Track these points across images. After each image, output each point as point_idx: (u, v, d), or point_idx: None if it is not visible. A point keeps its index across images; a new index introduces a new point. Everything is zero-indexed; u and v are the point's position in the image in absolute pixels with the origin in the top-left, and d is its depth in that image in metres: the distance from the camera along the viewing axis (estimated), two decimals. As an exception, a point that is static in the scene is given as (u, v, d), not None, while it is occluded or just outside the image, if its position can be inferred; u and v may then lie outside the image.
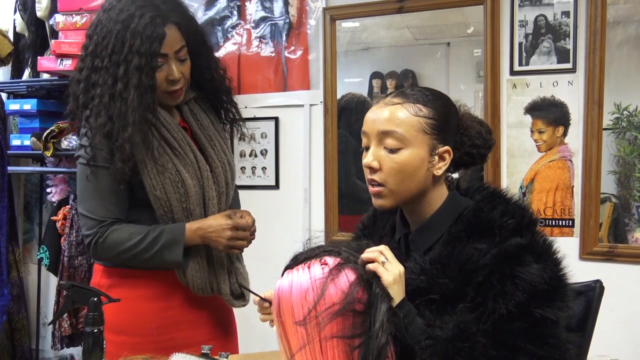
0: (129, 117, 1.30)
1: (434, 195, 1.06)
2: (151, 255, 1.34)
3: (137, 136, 1.31)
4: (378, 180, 1.03)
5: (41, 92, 2.60)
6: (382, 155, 1.02)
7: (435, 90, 1.08)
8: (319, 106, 2.43)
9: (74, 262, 2.45)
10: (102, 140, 1.33)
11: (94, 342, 0.89)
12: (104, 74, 1.33)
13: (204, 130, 1.48)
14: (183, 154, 1.40)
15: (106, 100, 1.32)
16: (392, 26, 2.41)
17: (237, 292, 1.49)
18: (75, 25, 2.36)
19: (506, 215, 0.99)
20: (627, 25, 2.05)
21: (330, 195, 2.41)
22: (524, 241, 0.96)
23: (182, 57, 1.39)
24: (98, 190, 1.36)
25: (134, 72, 1.30)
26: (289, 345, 0.95)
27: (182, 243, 1.34)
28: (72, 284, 0.98)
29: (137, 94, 1.31)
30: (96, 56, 1.35)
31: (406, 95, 1.04)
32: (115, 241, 1.34)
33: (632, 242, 2.04)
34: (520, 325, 0.91)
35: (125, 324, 1.39)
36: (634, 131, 2.03)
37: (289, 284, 0.96)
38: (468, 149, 1.07)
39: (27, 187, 2.95)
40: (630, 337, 1.97)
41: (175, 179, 1.37)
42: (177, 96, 1.42)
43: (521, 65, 2.14)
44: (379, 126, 1.02)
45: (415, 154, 1.01)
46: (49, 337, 2.62)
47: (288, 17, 2.48)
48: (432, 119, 1.02)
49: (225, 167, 1.48)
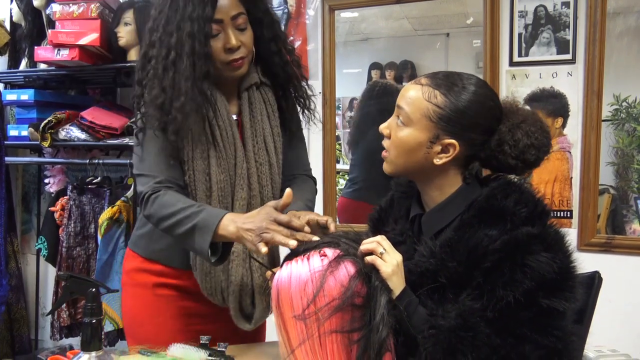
0: (182, 86, 1.23)
1: (442, 181, 1.06)
2: (183, 232, 1.20)
3: (190, 106, 1.23)
4: (385, 146, 1.09)
5: (38, 82, 2.59)
6: (393, 126, 1.07)
7: (476, 87, 1.03)
8: (318, 97, 2.41)
9: (72, 253, 2.45)
10: (154, 113, 1.26)
11: (92, 332, 0.88)
12: (159, 45, 1.27)
13: (254, 123, 1.37)
14: (222, 145, 1.31)
15: (160, 71, 1.26)
16: (391, 16, 2.39)
17: (247, 311, 1.36)
18: (72, 14, 2.34)
19: (519, 204, 0.98)
20: (627, 16, 2.04)
21: (329, 186, 2.41)
22: (535, 231, 0.95)
23: (240, 26, 1.29)
24: (151, 153, 1.29)
25: (187, 39, 1.23)
26: (288, 336, 0.95)
27: (212, 229, 1.16)
28: (70, 274, 0.98)
29: (190, 62, 1.23)
30: (153, 30, 1.29)
31: (435, 80, 1.04)
32: (165, 203, 1.24)
33: (629, 233, 2.05)
34: (526, 314, 0.91)
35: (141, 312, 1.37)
36: (633, 123, 2.02)
37: (287, 275, 0.96)
38: (492, 151, 1.04)
39: (25, 177, 2.94)
40: (628, 328, 1.98)
41: (204, 170, 1.30)
42: (238, 66, 1.30)
43: (520, 56, 2.13)
44: (398, 100, 1.07)
45: (413, 135, 1.03)
46: (48, 328, 2.62)
47: (287, 7, 2.47)
48: (442, 109, 1.01)
49: (262, 167, 1.36)
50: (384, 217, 1.19)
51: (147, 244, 1.40)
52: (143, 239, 1.41)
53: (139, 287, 1.40)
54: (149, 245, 1.40)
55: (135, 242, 1.44)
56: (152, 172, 1.28)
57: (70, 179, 2.66)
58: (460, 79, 1.04)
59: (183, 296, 1.37)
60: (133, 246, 1.45)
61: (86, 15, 2.32)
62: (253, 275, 1.34)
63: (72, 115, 2.42)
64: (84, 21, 2.32)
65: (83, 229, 2.47)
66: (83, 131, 2.37)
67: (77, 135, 2.37)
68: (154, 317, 1.36)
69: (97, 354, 0.89)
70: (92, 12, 2.31)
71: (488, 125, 1.04)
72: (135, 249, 1.43)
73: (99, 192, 2.46)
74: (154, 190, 1.25)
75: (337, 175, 2.45)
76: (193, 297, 1.36)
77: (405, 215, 1.14)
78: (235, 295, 1.32)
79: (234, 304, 1.32)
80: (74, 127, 2.38)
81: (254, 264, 1.34)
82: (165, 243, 1.36)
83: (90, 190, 2.47)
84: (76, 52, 2.31)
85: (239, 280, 1.32)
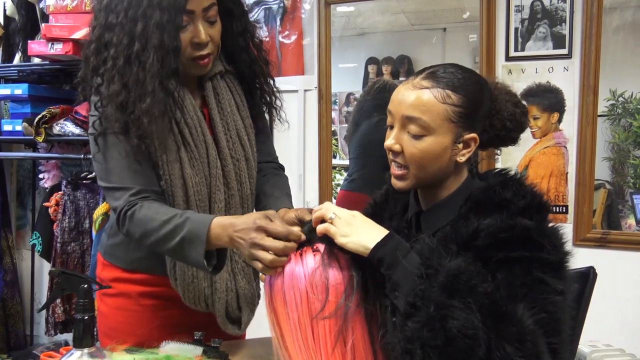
0: (147, 84, 1.10)
1: (452, 179, 1.03)
2: (172, 247, 1.10)
3: (157, 108, 1.11)
4: (401, 162, 1.01)
5: (32, 77, 2.57)
6: (404, 140, 0.99)
7: (469, 72, 1.02)
8: (314, 92, 2.41)
9: (67, 248, 2.44)
10: (114, 112, 1.13)
11: (84, 329, 0.88)
12: (119, 31, 1.12)
13: (223, 116, 1.26)
14: (192, 145, 1.20)
15: (121, 63, 1.12)
16: (388, 11, 2.38)
17: (234, 315, 1.28)
18: (66, 8, 2.32)
19: (517, 196, 0.96)
20: (624, 11, 2.04)
21: (325, 181, 2.40)
22: (532, 224, 0.92)
23: (211, 18, 1.18)
24: (116, 160, 1.15)
25: (154, 30, 1.10)
26: (281, 332, 0.95)
27: (203, 239, 1.07)
28: (62, 270, 0.97)
29: (158, 57, 1.10)
30: (110, 11, 1.14)
31: (437, 78, 0.98)
32: (143, 218, 1.12)
33: (625, 228, 2.05)
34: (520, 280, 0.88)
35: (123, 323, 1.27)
36: (629, 118, 2.02)
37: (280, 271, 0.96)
38: (499, 131, 1.03)
39: (20, 172, 2.93)
40: (623, 323, 1.99)
41: (179, 174, 1.18)
42: (203, 64, 1.20)
43: (517, 51, 2.12)
44: (404, 110, 0.98)
45: (438, 142, 0.97)
46: (43, 323, 2.62)
47: (282, 2, 2.46)
48: (460, 106, 0.97)
49: (239, 164, 1.26)
50: (378, 213, 1.15)
51: (124, 254, 1.30)
52: (119, 249, 1.30)
53: (122, 296, 1.29)
54: (127, 255, 1.29)
55: (110, 253, 1.32)
56: (123, 184, 1.15)
57: (65, 174, 2.65)
58: (453, 72, 1.01)
59: (169, 304, 1.28)
60: (108, 257, 1.33)
61: (80, 9, 2.30)
62: (236, 277, 1.28)
63: (66, 109, 2.40)
64: (77, 15, 2.30)
65: (77, 224, 2.46)
66: (77, 126, 2.36)
67: (71, 130, 2.36)
68: (138, 327, 1.26)
69: (89, 350, 0.89)
70: (85, 5, 2.29)
71: (489, 107, 1.03)
72: (111, 259, 1.32)
73: (93, 187, 2.46)
74: (130, 205, 1.14)
75: (334, 171, 2.44)
76: (179, 304, 1.26)
77: (400, 212, 1.12)
78: (222, 302, 1.25)
79: (221, 311, 1.25)
80: (68, 122, 2.37)
81: (236, 266, 1.27)
82: (145, 251, 1.25)
83: (85, 186, 2.46)
84: (70, 46, 2.30)
85: (224, 286, 1.25)
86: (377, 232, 0.93)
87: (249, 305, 1.30)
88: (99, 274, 1.35)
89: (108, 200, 1.20)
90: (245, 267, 1.29)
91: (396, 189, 1.04)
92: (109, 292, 1.30)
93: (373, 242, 0.91)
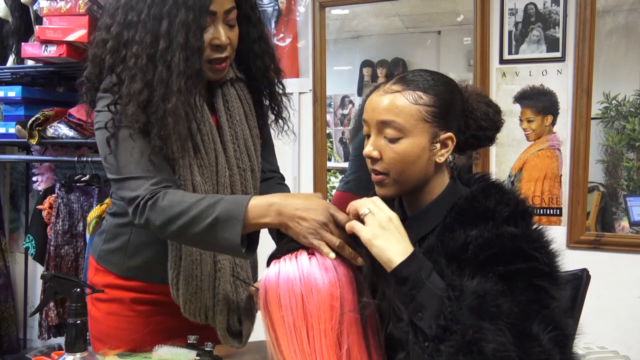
0: (173, 83, 1.08)
1: (435, 183, 1.03)
2: (203, 228, 1.03)
3: (184, 108, 1.09)
4: (380, 169, 1.01)
5: (26, 79, 2.55)
6: (382, 145, 1.00)
7: (438, 74, 1.04)
8: (308, 94, 2.41)
9: (60, 252, 2.43)
10: (135, 111, 1.09)
11: (76, 333, 0.87)
12: (141, 29, 1.10)
13: (232, 124, 1.24)
14: (203, 152, 1.18)
15: (143, 61, 1.09)
16: (382, 14, 2.39)
17: (235, 329, 1.25)
18: (60, 10, 2.31)
19: (500, 204, 0.96)
20: (617, 14, 2.05)
21: (320, 183, 2.40)
22: (518, 231, 0.93)
23: (231, 22, 1.17)
24: (133, 155, 1.11)
25: (180, 29, 1.08)
26: (276, 336, 0.95)
27: (241, 218, 1.01)
28: (54, 274, 0.96)
29: (183, 57, 1.08)
30: (130, 8, 1.12)
31: (407, 82, 1.00)
32: (169, 203, 1.05)
33: (619, 230, 2.06)
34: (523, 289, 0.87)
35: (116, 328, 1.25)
36: (622, 120, 2.03)
37: (275, 274, 0.96)
38: (474, 131, 1.04)
39: (13, 175, 2.91)
40: (617, 325, 1.99)
41: (188, 179, 1.16)
42: (221, 68, 1.19)
43: (511, 54, 2.13)
44: (377, 115, 0.99)
45: (415, 143, 0.98)
46: (36, 327, 2.60)
47: (277, 4, 2.46)
48: (432, 106, 0.99)
49: (244, 174, 1.25)
50: None
51: (120, 260, 1.27)
52: (115, 255, 1.28)
53: (115, 302, 1.27)
54: (124, 262, 1.26)
55: (104, 258, 1.29)
56: (144, 173, 1.10)
57: (59, 177, 2.64)
58: (422, 75, 1.02)
59: (162, 310, 1.26)
60: (103, 262, 1.30)
61: (74, 11, 2.29)
62: (238, 289, 1.25)
63: (60, 112, 2.39)
64: (72, 17, 2.29)
65: (71, 227, 2.45)
66: (71, 128, 2.34)
67: (65, 133, 2.35)
68: (131, 332, 1.25)
69: (81, 355, 0.88)
70: (80, 8, 2.28)
71: (462, 107, 1.04)
72: (106, 265, 1.29)
73: (87, 190, 2.45)
74: (152, 194, 1.08)
75: (329, 173, 2.44)
76: (173, 309, 1.22)
77: None
78: (224, 314, 1.22)
79: (222, 323, 1.21)
80: (62, 125, 2.36)
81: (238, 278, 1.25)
82: (142, 259, 1.24)
83: (79, 188, 2.45)
84: (64, 49, 2.29)
85: (226, 299, 1.22)
86: (405, 247, 0.90)
87: (250, 318, 1.27)
88: (91, 278, 1.32)
89: (122, 193, 1.12)
90: (247, 279, 1.27)
91: (380, 197, 1.02)
92: (102, 297, 1.28)
93: (398, 258, 0.89)
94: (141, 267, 1.26)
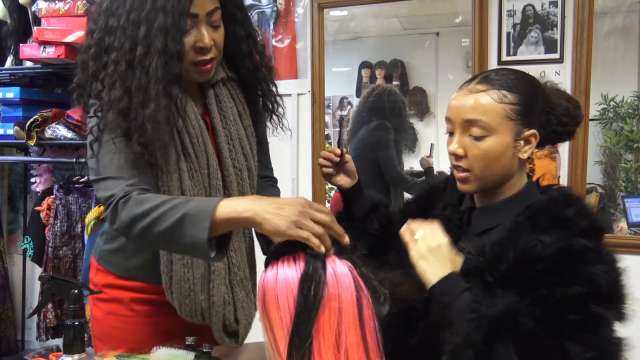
0: (151, 90, 1.07)
1: (514, 181, 1.06)
2: (167, 227, 0.98)
3: (162, 114, 1.08)
4: (464, 166, 1.04)
5: (24, 80, 2.56)
6: (467, 143, 1.03)
7: (520, 72, 1.07)
8: (307, 95, 2.41)
9: (59, 253, 2.42)
10: (116, 118, 1.08)
11: (74, 334, 0.87)
12: (120, 35, 1.09)
13: (226, 124, 1.23)
14: (193, 155, 1.16)
15: (122, 68, 1.08)
16: (381, 15, 2.39)
17: (231, 329, 1.24)
18: (58, 12, 2.31)
19: (579, 216, 0.98)
20: (614, 15, 2.05)
21: (318, 185, 2.40)
22: (591, 245, 0.94)
23: (215, 22, 1.15)
24: (113, 159, 1.10)
25: (158, 34, 1.07)
26: (275, 337, 0.95)
27: (209, 215, 0.95)
28: (51, 275, 0.96)
29: (161, 62, 1.07)
30: (111, 14, 1.11)
31: (490, 81, 1.03)
32: (139, 200, 1.03)
33: (617, 232, 2.06)
34: (574, 317, 0.89)
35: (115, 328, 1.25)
36: (620, 122, 2.04)
37: (274, 275, 0.95)
38: (555, 127, 1.07)
39: (11, 176, 2.91)
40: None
41: (176, 184, 1.14)
42: (206, 70, 1.17)
43: (509, 55, 2.13)
44: (463, 114, 1.02)
45: (500, 140, 1.01)
46: (34, 328, 2.60)
47: (275, 5, 2.46)
48: (516, 104, 1.01)
49: (241, 175, 1.24)
50: (432, 199, 1.19)
51: (120, 261, 1.27)
52: (115, 256, 1.28)
53: (114, 302, 1.27)
54: (123, 263, 1.27)
55: (105, 259, 1.30)
56: (120, 174, 1.08)
57: (57, 178, 2.64)
58: (505, 74, 1.05)
59: (161, 310, 1.25)
60: (103, 262, 1.30)
61: (72, 12, 2.29)
62: (234, 290, 1.24)
63: (58, 113, 2.39)
64: (70, 18, 2.30)
65: (69, 228, 2.44)
66: (69, 130, 2.34)
67: (63, 134, 2.35)
68: (130, 332, 1.25)
69: (79, 356, 0.88)
70: (78, 9, 2.28)
71: (543, 104, 1.07)
72: (106, 265, 1.29)
73: (85, 191, 2.44)
74: (125, 193, 1.05)
75: (327, 174, 2.44)
76: (172, 309, 1.22)
77: (456, 203, 1.14)
78: (219, 315, 1.21)
79: (218, 324, 1.22)
80: (60, 126, 2.36)
81: (235, 278, 1.24)
82: (142, 259, 1.24)
83: (77, 190, 2.45)
84: (62, 50, 2.29)
85: (222, 300, 1.22)
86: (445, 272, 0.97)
87: (247, 318, 1.27)
88: (93, 278, 1.33)
89: (99, 194, 1.11)
90: (244, 279, 1.26)
91: (463, 192, 1.08)
92: (102, 297, 1.28)
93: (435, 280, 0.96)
94: (140, 267, 1.25)
